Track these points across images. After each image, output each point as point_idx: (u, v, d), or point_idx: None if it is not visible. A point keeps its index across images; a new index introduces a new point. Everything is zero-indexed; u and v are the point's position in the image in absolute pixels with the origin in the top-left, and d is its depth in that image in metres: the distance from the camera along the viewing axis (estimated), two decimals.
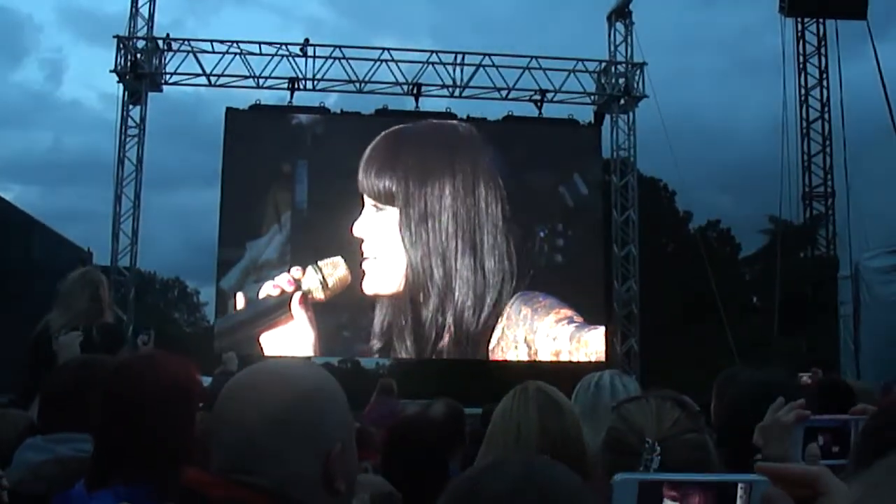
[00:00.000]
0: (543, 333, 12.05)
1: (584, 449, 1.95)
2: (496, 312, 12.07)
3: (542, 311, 12.09)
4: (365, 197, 11.67)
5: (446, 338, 11.96)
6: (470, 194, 12.15)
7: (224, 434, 1.16)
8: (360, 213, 11.56)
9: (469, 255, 12.05)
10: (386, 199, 11.71)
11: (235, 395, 1.19)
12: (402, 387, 8.35)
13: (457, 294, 11.96)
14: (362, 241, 11.35)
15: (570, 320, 12.13)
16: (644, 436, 1.39)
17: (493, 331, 12.04)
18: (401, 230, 11.76)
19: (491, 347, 12.21)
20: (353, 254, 11.31)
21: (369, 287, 11.40)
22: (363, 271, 11.24)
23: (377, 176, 11.75)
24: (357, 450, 1.27)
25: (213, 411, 1.22)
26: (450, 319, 11.92)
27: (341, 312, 11.55)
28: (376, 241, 11.56)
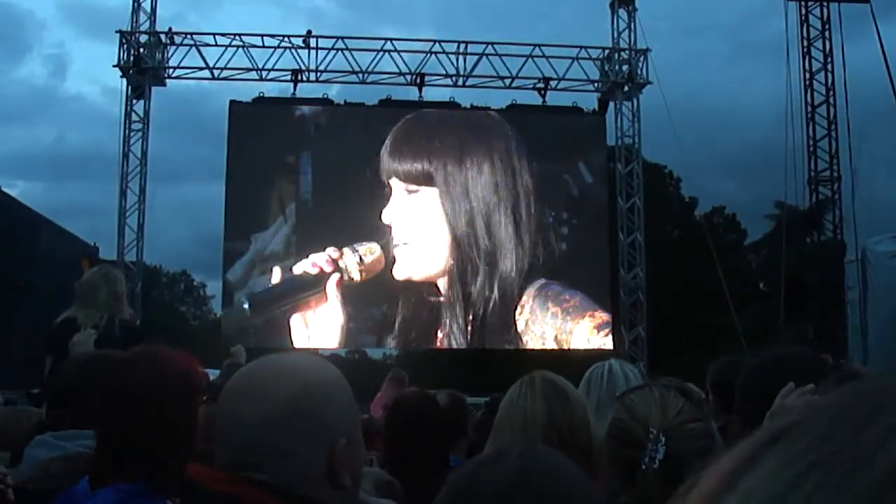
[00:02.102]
0: (583, 338, 11.78)
1: (592, 438, 1.95)
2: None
3: (575, 313, 11.80)
4: (393, 182, 11.10)
5: (490, 311, 11.66)
6: (509, 172, 11.98)
7: (227, 431, 1.15)
8: (388, 200, 11.02)
9: (512, 227, 11.86)
10: (424, 179, 11.34)
11: (238, 392, 1.18)
12: (412, 377, 8.32)
13: (501, 263, 11.74)
14: (390, 227, 10.90)
15: (609, 327, 11.96)
16: (648, 426, 1.39)
17: (516, 322, 11.78)
18: (442, 203, 11.46)
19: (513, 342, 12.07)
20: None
21: (402, 272, 10.94)
22: (394, 257, 10.78)
23: (414, 157, 11.37)
24: (364, 441, 1.26)
25: (215, 408, 1.21)
26: (496, 291, 11.67)
27: (364, 304, 11.41)
28: (410, 224, 11.15)
